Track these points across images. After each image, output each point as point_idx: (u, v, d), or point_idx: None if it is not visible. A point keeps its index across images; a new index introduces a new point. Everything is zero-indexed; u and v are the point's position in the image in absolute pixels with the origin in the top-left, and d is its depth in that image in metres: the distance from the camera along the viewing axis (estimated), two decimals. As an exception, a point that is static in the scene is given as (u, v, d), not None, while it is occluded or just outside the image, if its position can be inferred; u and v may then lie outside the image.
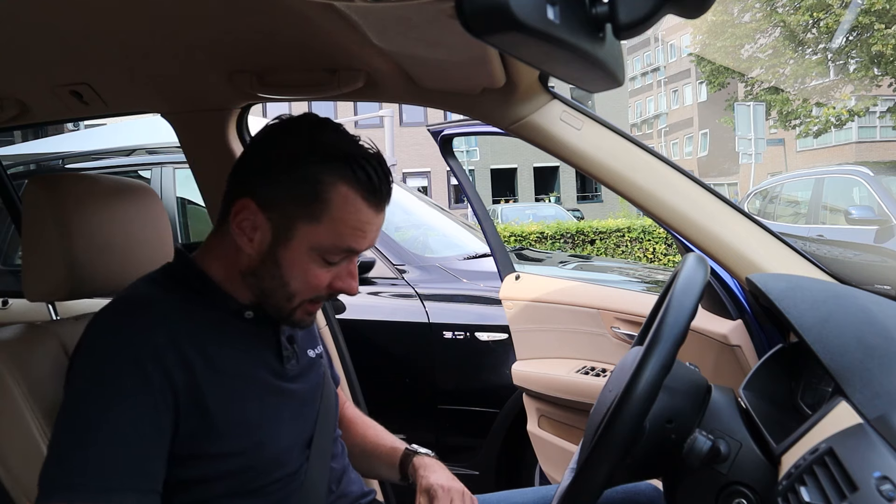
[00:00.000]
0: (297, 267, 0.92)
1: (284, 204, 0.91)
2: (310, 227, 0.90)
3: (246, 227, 0.93)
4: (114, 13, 0.89)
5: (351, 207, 0.90)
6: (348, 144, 0.93)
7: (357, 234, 0.92)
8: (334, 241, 0.91)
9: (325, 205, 0.90)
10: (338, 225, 0.90)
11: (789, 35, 14.16)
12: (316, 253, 0.92)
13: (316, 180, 0.89)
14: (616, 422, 0.78)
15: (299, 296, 0.94)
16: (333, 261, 0.93)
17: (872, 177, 6.21)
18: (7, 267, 3.24)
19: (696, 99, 39.58)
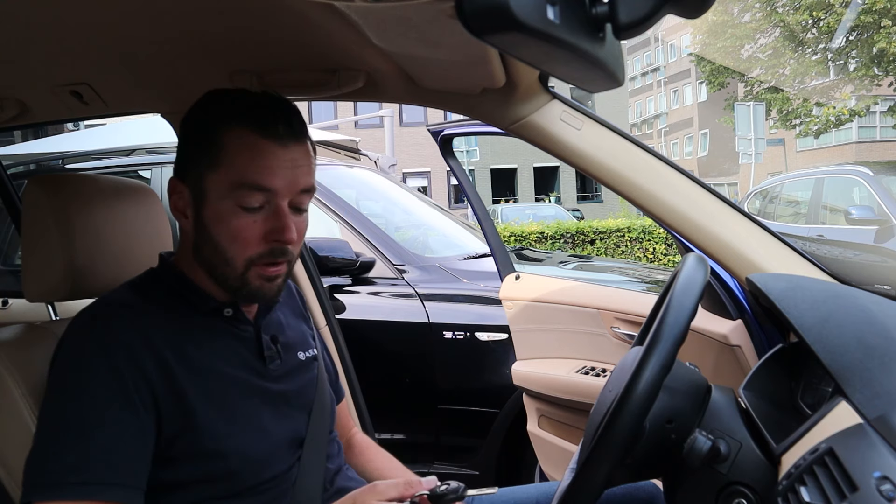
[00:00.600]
0: (220, 222, 0.92)
1: (193, 165, 0.94)
2: (215, 174, 0.92)
3: (179, 206, 0.96)
4: (114, 13, 0.89)
5: (246, 143, 0.91)
6: (244, 96, 0.95)
7: (260, 170, 0.91)
8: (239, 179, 0.91)
9: (222, 149, 0.92)
10: (237, 163, 0.91)
11: (789, 35, 14.16)
12: (230, 201, 0.91)
13: (213, 131, 0.93)
14: (616, 422, 0.78)
15: (238, 256, 0.93)
16: (251, 205, 0.91)
17: (872, 177, 6.21)
18: (7, 267, 3.24)
19: (696, 99, 39.59)
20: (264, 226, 0.93)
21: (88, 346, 0.88)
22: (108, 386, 0.85)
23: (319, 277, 1.76)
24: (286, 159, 0.92)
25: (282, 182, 0.92)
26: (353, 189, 3.31)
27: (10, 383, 0.91)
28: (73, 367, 0.87)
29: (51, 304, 1.14)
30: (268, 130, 0.92)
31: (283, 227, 0.92)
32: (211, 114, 0.95)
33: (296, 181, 0.93)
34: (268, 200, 0.92)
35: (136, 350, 0.87)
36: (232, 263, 0.93)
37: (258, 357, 0.99)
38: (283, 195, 0.93)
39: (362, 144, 5.27)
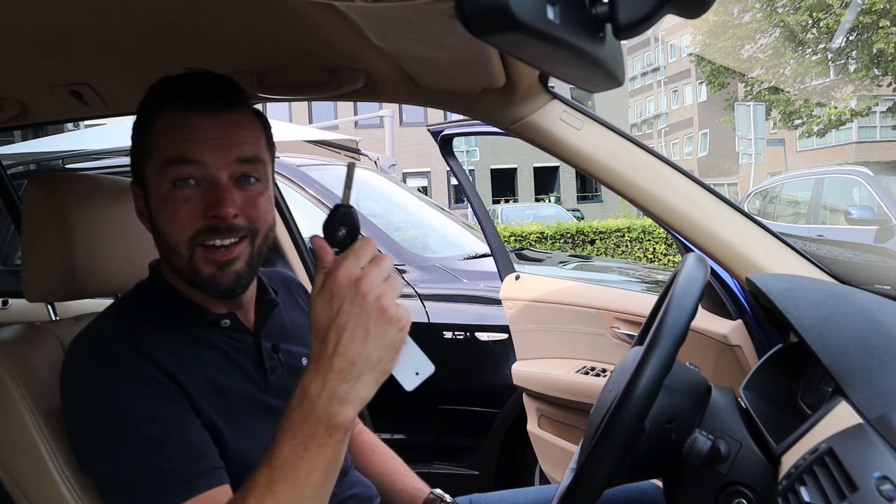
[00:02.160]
0: (161, 209, 0.89)
1: (135, 162, 0.94)
2: (150, 162, 0.91)
3: (140, 209, 0.96)
4: (114, 13, 0.89)
5: (170, 122, 0.89)
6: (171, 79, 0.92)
7: (184, 142, 0.88)
8: (165, 157, 0.88)
9: (151, 136, 0.91)
10: (163, 143, 0.89)
11: (789, 35, 14.17)
12: (165, 184, 0.88)
13: (144, 123, 0.92)
14: (616, 422, 0.78)
15: (179, 240, 0.88)
16: (183, 179, 0.87)
17: (872, 177, 6.21)
18: (7, 267, 3.24)
19: (696, 99, 39.59)
20: (201, 202, 0.88)
21: (101, 369, 0.85)
22: (141, 392, 0.83)
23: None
24: (212, 129, 0.89)
25: (210, 153, 0.88)
26: (353, 189, 3.30)
27: (9, 384, 0.91)
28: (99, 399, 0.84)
29: (51, 304, 1.14)
30: (190, 104, 0.89)
31: (218, 200, 0.87)
32: (143, 107, 0.94)
33: (228, 150, 0.89)
34: (203, 176, 0.88)
35: (145, 364, 0.85)
36: (177, 249, 0.89)
37: (259, 368, 0.96)
38: (217, 167, 0.88)
39: (362, 144, 5.27)
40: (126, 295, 0.98)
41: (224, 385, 0.91)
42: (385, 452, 1.24)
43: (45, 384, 0.94)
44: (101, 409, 0.83)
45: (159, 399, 0.84)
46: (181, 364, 0.88)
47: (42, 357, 0.97)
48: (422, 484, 1.16)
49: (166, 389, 0.85)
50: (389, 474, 1.19)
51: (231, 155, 0.89)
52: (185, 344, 0.90)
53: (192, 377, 0.88)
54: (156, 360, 0.86)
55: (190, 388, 0.87)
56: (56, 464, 0.89)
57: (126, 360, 0.85)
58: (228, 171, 0.89)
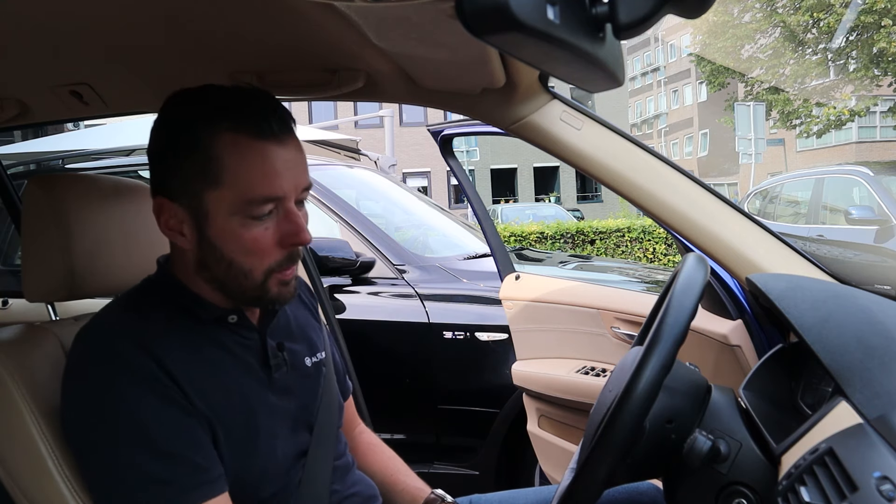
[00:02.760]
0: (231, 239, 0.87)
1: (187, 183, 0.87)
2: (217, 192, 0.85)
3: (173, 225, 0.90)
4: (114, 13, 0.89)
5: (243, 151, 0.84)
6: (221, 94, 0.88)
7: (268, 179, 0.85)
8: (245, 195, 0.85)
9: (218, 162, 0.84)
10: (240, 177, 0.84)
11: (789, 35, 14.17)
12: (238, 216, 0.86)
13: (200, 142, 0.85)
14: (616, 422, 0.78)
15: (257, 268, 0.88)
16: (261, 214, 0.86)
17: (872, 177, 6.21)
18: (7, 267, 3.24)
19: (696, 99, 39.60)
20: (277, 232, 0.88)
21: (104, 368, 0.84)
22: (143, 394, 0.83)
23: (319, 277, 1.76)
24: (288, 159, 0.87)
25: (288, 184, 0.87)
26: (353, 189, 3.31)
27: (9, 384, 0.91)
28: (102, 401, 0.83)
29: (51, 304, 1.14)
30: (262, 130, 0.85)
31: (297, 229, 0.88)
32: (192, 120, 0.87)
33: (299, 179, 0.89)
34: (276, 206, 0.87)
35: (149, 364, 0.85)
36: (251, 276, 0.88)
37: (263, 365, 0.96)
38: (291, 197, 0.88)
39: (362, 144, 5.27)
40: (133, 289, 0.97)
41: (229, 383, 0.91)
42: (386, 452, 1.23)
43: (45, 384, 0.94)
44: (102, 410, 0.83)
45: (162, 402, 0.84)
46: (186, 363, 0.87)
47: (42, 357, 0.97)
48: (423, 484, 1.16)
49: (169, 391, 0.84)
50: (390, 474, 1.19)
51: (301, 185, 0.89)
52: (192, 341, 0.90)
53: (196, 376, 0.87)
54: (160, 360, 0.85)
55: (193, 388, 0.86)
56: (56, 463, 0.89)
57: (129, 359, 0.84)
58: (295, 198, 0.89)
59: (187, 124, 0.87)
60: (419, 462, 2.44)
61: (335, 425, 1.07)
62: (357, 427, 1.26)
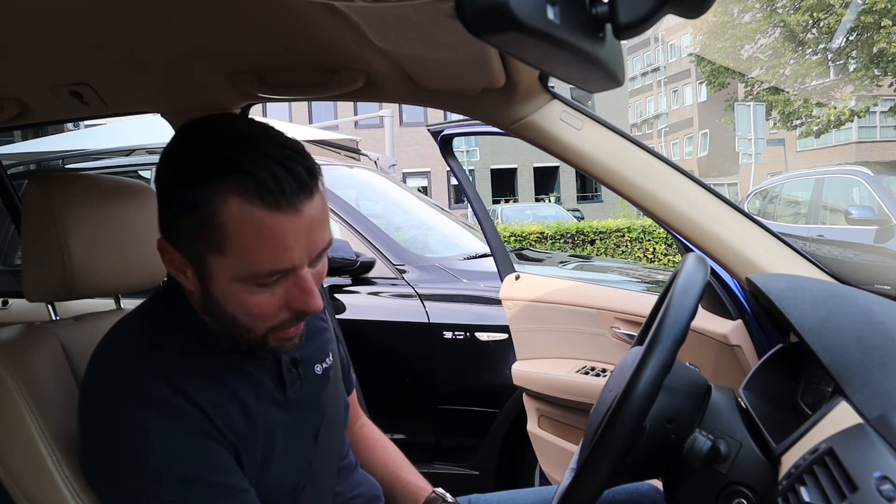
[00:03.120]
0: (234, 301, 0.81)
1: (190, 239, 0.81)
2: (220, 258, 0.79)
3: (176, 266, 0.85)
4: (114, 13, 0.89)
5: (250, 223, 0.76)
6: (231, 144, 0.79)
7: (274, 251, 0.78)
8: (251, 268, 0.79)
9: (222, 230, 0.77)
10: (245, 249, 0.77)
11: (789, 35, 14.17)
12: (243, 283, 0.80)
13: (205, 203, 0.77)
14: (616, 422, 0.78)
15: (256, 326, 0.84)
16: (266, 283, 0.80)
17: (872, 177, 6.21)
18: (7, 267, 3.24)
19: (696, 99, 39.60)
20: (285, 296, 0.82)
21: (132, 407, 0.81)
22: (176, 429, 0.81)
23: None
24: (300, 229, 0.78)
25: (300, 256, 0.80)
26: (353, 189, 3.31)
27: (9, 384, 0.91)
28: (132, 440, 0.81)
29: (51, 304, 1.13)
30: (273, 198, 0.76)
31: (306, 297, 0.82)
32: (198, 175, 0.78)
33: (313, 246, 0.81)
34: (287, 273, 0.81)
35: (175, 397, 0.83)
36: (252, 331, 0.84)
37: (278, 384, 0.94)
38: (303, 265, 0.81)
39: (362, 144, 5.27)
40: (143, 311, 0.93)
41: (249, 408, 0.89)
42: (387, 448, 1.23)
43: (45, 384, 0.94)
44: (134, 449, 0.80)
45: (195, 435, 0.82)
46: (210, 392, 0.86)
47: (42, 357, 0.97)
48: (423, 482, 1.16)
49: (198, 422, 0.83)
50: (391, 471, 1.18)
51: (315, 251, 0.82)
52: (210, 369, 0.88)
53: (220, 403, 0.86)
54: (185, 393, 0.83)
55: (219, 416, 0.85)
56: (56, 464, 0.89)
57: (158, 396, 0.82)
58: (309, 261, 0.83)
59: (193, 177, 0.79)
60: (419, 462, 2.42)
61: (341, 429, 1.07)
62: (359, 420, 1.26)
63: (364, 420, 1.27)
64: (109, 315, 1.13)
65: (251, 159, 0.77)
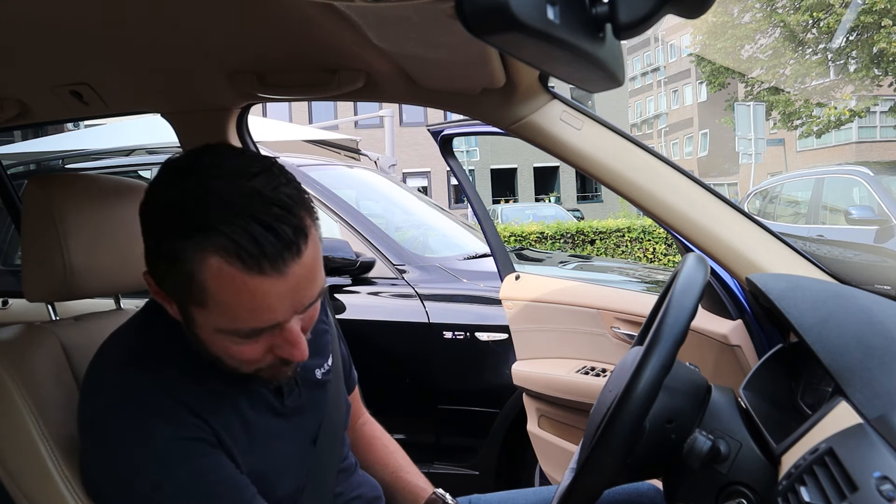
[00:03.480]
0: (220, 347, 0.80)
1: (172, 287, 0.79)
2: (201, 310, 0.77)
3: (162, 298, 0.83)
4: (114, 13, 0.89)
5: (230, 285, 0.73)
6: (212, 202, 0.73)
7: (255, 312, 0.75)
8: (233, 325, 0.77)
9: (201, 287, 0.74)
10: (226, 308, 0.75)
11: (789, 35, 14.17)
12: (225, 334, 0.78)
13: (185, 259, 0.74)
14: (616, 422, 0.78)
15: (242, 368, 0.83)
16: (251, 336, 0.78)
17: (872, 177, 6.22)
18: (7, 267, 3.24)
19: (696, 99, 39.60)
20: (270, 343, 0.80)
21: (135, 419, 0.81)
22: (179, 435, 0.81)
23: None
24: (284, 290, 0.75)
25: (283, 314, 0.77)
26: (353, 189, 3.32)
27: (9, 384, 0.91)
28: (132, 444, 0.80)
29: (51, 304, 1.13)
30: (255, 262, 0.72)
31: (291, 348, 0.80)
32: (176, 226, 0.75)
33: (300, 302, 0.78)
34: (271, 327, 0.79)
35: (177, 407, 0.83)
36: (241, 369, 0.84)
37: (276, 393, 0.94)
38: (288, 319, 0.79)
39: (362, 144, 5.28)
40: (137, 323, 0.93)
41: (249, 419, 0.89)
42: (388, 446, 1.23)
43: (45, 384, 0.94)
44: (137, 455, 0.80)
45: (194, 441, 0.82)
46: (210, 404, 0.86)
47: (42, 357, 0.97)
48: (424, 482, 1.16)
49: (197, 430, 0.83)
50: (392, 471, 1.18)
51: (301, 306, 0.79)
52: (208, 382, 0.87)
53: (220, 413, 0.86)
54: (183, 402, 0.83)
55: (216, 424, 0.85)
56: (56, 464, 0.89)
57: (159, 406, 0.82)
58: (296, 313, 0.80)
59: (173, 228, 0.75)
60: (419, 462, 2.43)
61: (341, 431, 1.06)
62: (361, 418, 1.25)
63: (366, 417, 1.27)
64: (109, 315, 1.13)
65: (233, 221, 0.72)
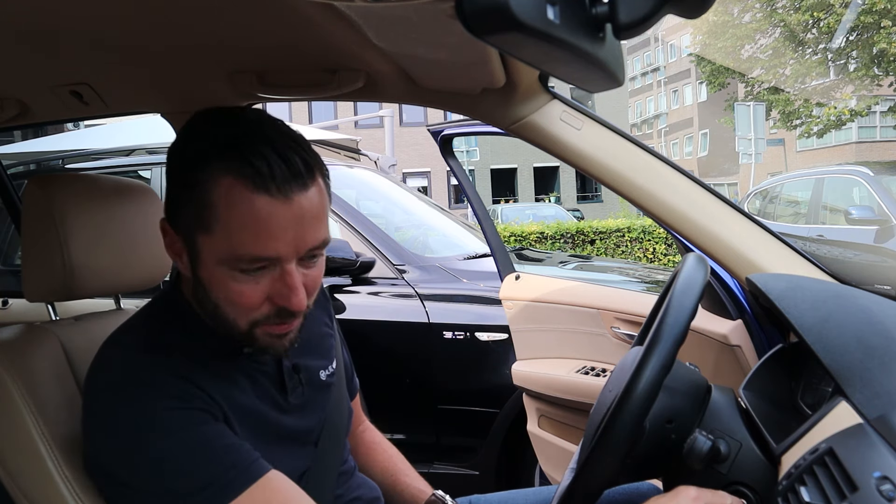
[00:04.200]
0: (218, 286, 0.82)
1: (184, 218, 0.82)
2: (207, 237, 0.80)
3: (174, 249, 0.87)
4: (114, 13, 0.89)
5: (238, 203, 0.77)
6: (231, 129, 0.81)
7: (258, 237, 0.78)
8: (234, 252, 0.79)
9: (212, 209, 0.78)
10: (231, 229, 0.78)
11: (789, 35, 14.18)
12: (226, 267, 0.80)
13: (199, 181, 0.79)
14: (616, 422, 0.78)
15: (240, 319, 0.83)
16: (250, 270, 0.80)
17: (872, 177, 6.21)
18: (7, 267, 3.24)
19: (696, 99, 39.61)
20: (270, 288, 0.82)
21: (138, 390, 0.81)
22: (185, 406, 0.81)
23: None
24: (289, 217, 0.78)
25: (285, 247, 0.79)
26: (353, 189, 3.32)
27: (9, 384, 0.91)
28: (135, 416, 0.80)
29: (51, 304, 1.14)
30: (263, 182, 0.77)
31: (289, 291, 0.81)
32: (194, 154, 0.81)
33: (302, 240, 0.80)
34: (271, 264, 0.81)
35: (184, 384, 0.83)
36: (234, 325, 0.84)
37: (280, 390, 0.94)
38: (290, 258, 0.81)
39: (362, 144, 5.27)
40: (145, 314, 0.93)
41: (248, 408, 0.89)
42: (388, 451, 1.23)
43: (45, 384, 0.94)
44: (147, 430, 0.80)
45: (204, 413, 0.82)
46: (216, 387, 0.86)
47: (42, 357, 0.97)
48: (424, 484, 1.16)
49: (209, 407, 0.83)
50: (391, 474, 1.18)
51: (304, 246, 0.81)
52: (219, 371, 0.88)
53: (225, 398, 0.86)
54: (194, 382, 0.83)
55: (225, 405, 0.86)
56: (56, 464, 0.89)
57: (164, 382, 0.82)
58: (298, 256, 0.82)
59: (189, 157, 0.82)
60: (419, 462, 2.43)
61: (343, 435, 1.07)
62: (361, 424, 1.26)
63: (367, 425, 1.28)
64: (109, 315, 1.13)
65: (248, 143, 0.78)
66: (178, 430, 0.80)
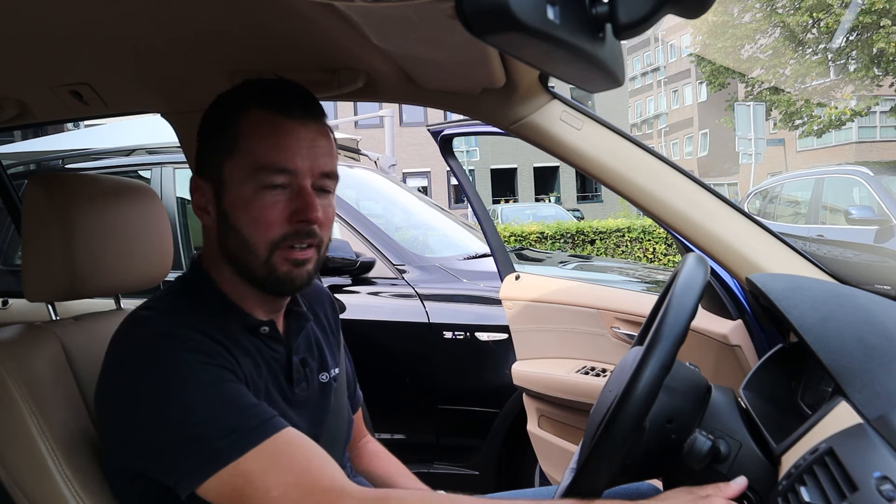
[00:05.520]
0: (241, 207, 0.90)
1: (211, 157, 0.93)
2: (234, 161, 0.90)
3: (201, 203, 0.94)
4: (114, 13, 0.89)
5: (263, 123, 0.89)
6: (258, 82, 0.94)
7: (280, 149, 0.89)
8: (257, 162, 0.89)
9: (238, 134, 0.90)
10: (255, 145, 0.89)
11: (789, 35, 14.18)
12: (250, 184, 0.89)
13: (228, 120, 0.91)
14: (616, 422, 0.78)
15: (261, 241, 0.89)
16: (271, 184, 0.89)
17: (872, 177, 6.21)
18: (7, 267, 3.24)
19: (696, 99, 39.60)
20: (288, 206, 0.90)
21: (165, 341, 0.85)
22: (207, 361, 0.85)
23: (320, 277, 1.76)
24: (305, 137, 0.91)
25: (302, 162, 0.90)
26: (353, 189, 3.32)
27: (9, 384, 0.91)
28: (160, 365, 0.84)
29: (51, 304, 1.14)
30: (285, 108, 0.90)
31: (306, 205, 0.89)
32: (226, 103, 0.94)
33: (316, 162, 0.91)
34: (290, 181, 0.90)
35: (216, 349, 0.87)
36: (255, 250, 0.90)
37: (287, 379, 0.98)
38: (305, 175, 0.90)
39: (362, 144, 5.27)
40: (170, 292, 0.96)
41: (262, 389, 0.92)
42: (389, 459, 1.26)
43: (45, 384, 0.94)
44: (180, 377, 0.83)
45: (228, 371, 0.86)
46: (238, 353, 0.90)
47: (42, 357, 0.97)
48: (423, 487, 1.17)
49: (230, 364, 0.87)
50: (390, 476, 1.20)
51: (318, 167, 0.91)
52: (236, 342, 0.92)
53: (245, 370, 0.90)
54: (220, 342, 0.88)
55: (245, 371, 0.90)
56: (56, 463, 0.89)
57: (195, 339, 0.86)
58: (312, 181, 0.91)
59: (223, 108, 0.94)
60: (419, 462, 2.44)
61: (342, 442, 1.08)
62: (364, 437, 1.28)
63: (369, 438, 1.30)
64: (109, 315, 1.13)
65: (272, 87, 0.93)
66: (208, 381, 0.84)
